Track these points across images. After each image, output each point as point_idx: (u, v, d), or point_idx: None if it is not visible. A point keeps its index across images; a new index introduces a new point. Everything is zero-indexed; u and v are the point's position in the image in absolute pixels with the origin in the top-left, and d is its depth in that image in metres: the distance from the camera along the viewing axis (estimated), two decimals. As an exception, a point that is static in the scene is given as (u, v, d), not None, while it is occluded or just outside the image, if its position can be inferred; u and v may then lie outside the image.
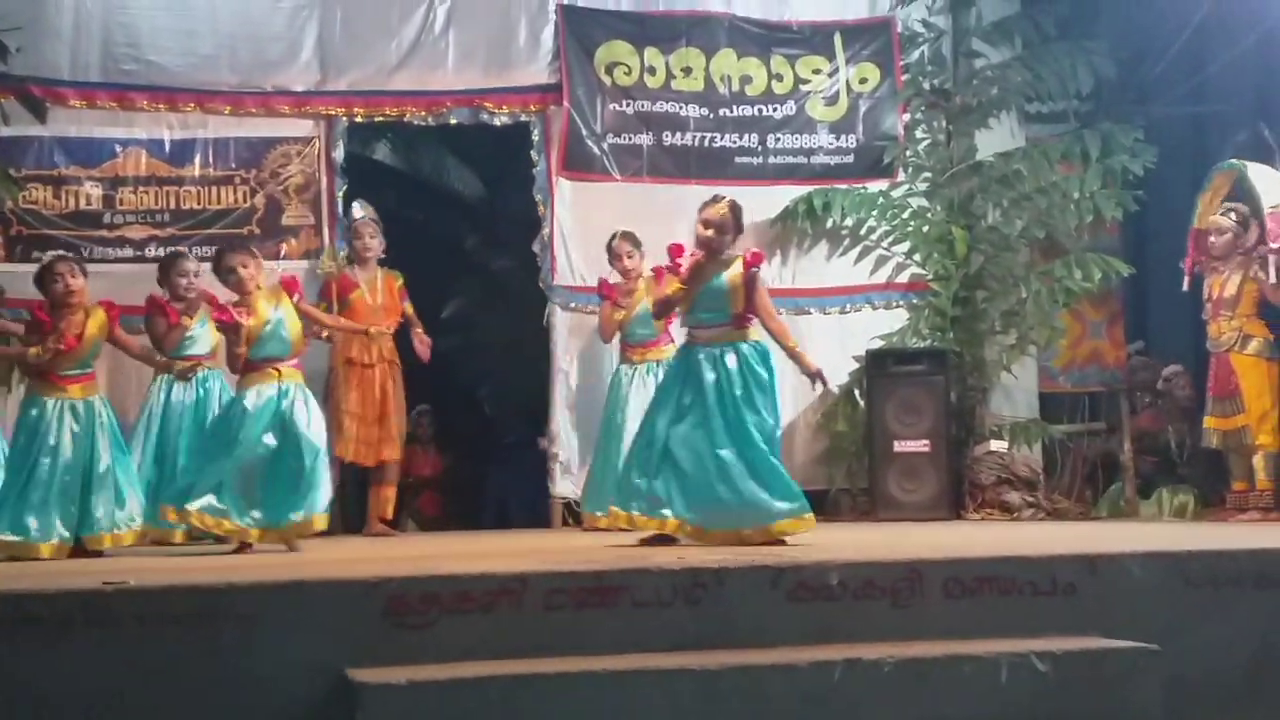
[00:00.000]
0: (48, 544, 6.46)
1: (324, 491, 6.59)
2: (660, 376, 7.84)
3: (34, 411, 6.64)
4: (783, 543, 5.86)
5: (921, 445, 8.73)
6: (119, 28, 8.77)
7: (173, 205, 8.74)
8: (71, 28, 8.69)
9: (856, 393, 9.12)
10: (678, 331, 8.07)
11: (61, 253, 7.86)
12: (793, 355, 6.35)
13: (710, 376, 6.06)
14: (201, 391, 7.67)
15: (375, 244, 8.52)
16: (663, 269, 8.33)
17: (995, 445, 9.00)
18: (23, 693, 3.99)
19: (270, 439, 6.49)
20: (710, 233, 6.19)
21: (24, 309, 7.53)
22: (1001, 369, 9.31)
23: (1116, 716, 4.22)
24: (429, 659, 4.13)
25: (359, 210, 8.59)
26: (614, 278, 8.48)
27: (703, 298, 6.18)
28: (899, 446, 8.73)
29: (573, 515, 8.84)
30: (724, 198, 6.32)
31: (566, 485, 8.93)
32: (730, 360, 6.09)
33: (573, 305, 9.04)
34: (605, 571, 4.47)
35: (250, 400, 6.53)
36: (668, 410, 6.17)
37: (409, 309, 8.57)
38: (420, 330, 8.51)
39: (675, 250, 6.44)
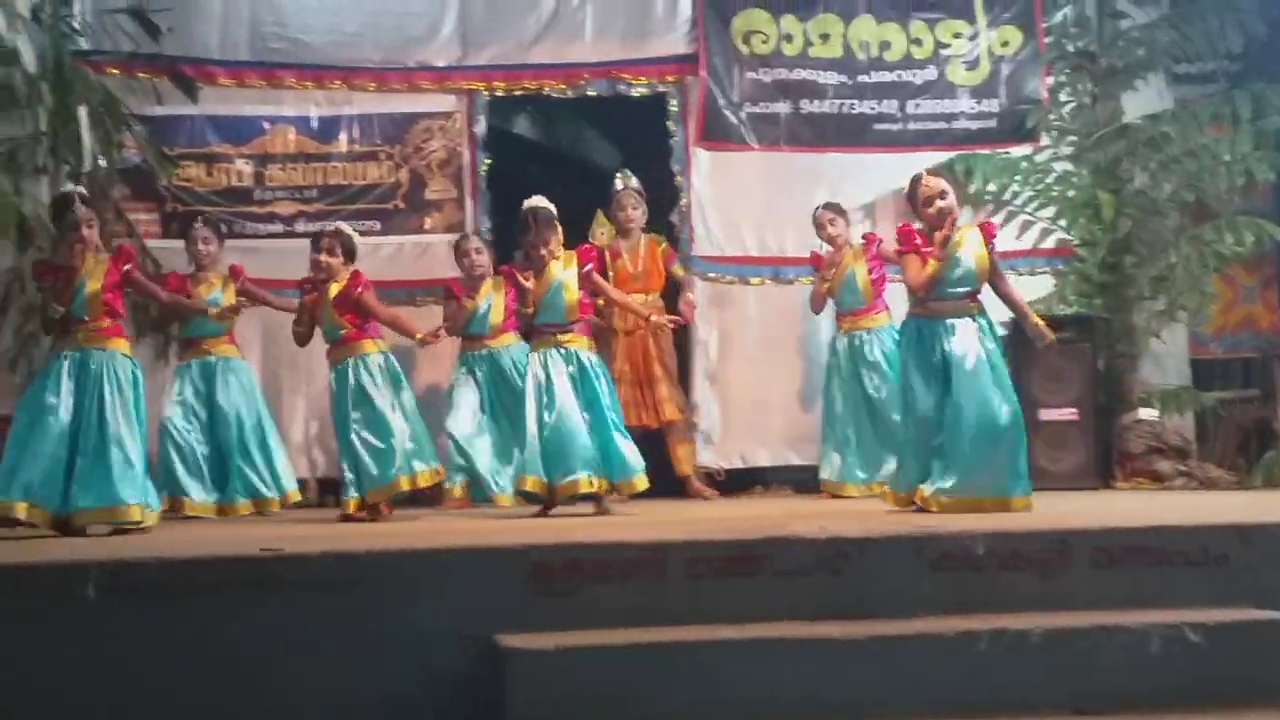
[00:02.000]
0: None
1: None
2: (874, 344, 8.17)
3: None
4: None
5: (1068, 413, 8.58)
6: (266, 7, 8.94)
7: (320, 181, 8.92)
8: (220, 7, 8.87)
9: (1000, 360, 8.98)
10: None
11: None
12: (1030, 323, 6.35)
13: (948, 346, 6.00)
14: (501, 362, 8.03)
15: (637, 215, 8.65)
16: (874, 235, 8.42)
17: (1145, 413, 8.82)
18: (181, 653, 4.12)
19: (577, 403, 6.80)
20: (951, 202, 6.14)
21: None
22: (1151, 335, 9.13)
23: (1271, 688, 4.14)
24: (574, 625, 4.19)
25: (620, 182, 8.72)
26: (823, 249, 8.50)
27: (951, 271, 6.10)
28: (1045, 415, 8.54)
29: (714, 485, 8.84)
30: (929, 170, 6.30)
31: (708, 455, 8.95)
32: (969, 331, 6.05)
33: (711, 275, 9.05)
34: (747, 541, 4.49)
35: (538, 367, 6.83)
36: (919, 386, 6.09)
37: (679, 271, 8.75)
38: (689, 294, 8.63)
39: (909, 230, 6.26)
